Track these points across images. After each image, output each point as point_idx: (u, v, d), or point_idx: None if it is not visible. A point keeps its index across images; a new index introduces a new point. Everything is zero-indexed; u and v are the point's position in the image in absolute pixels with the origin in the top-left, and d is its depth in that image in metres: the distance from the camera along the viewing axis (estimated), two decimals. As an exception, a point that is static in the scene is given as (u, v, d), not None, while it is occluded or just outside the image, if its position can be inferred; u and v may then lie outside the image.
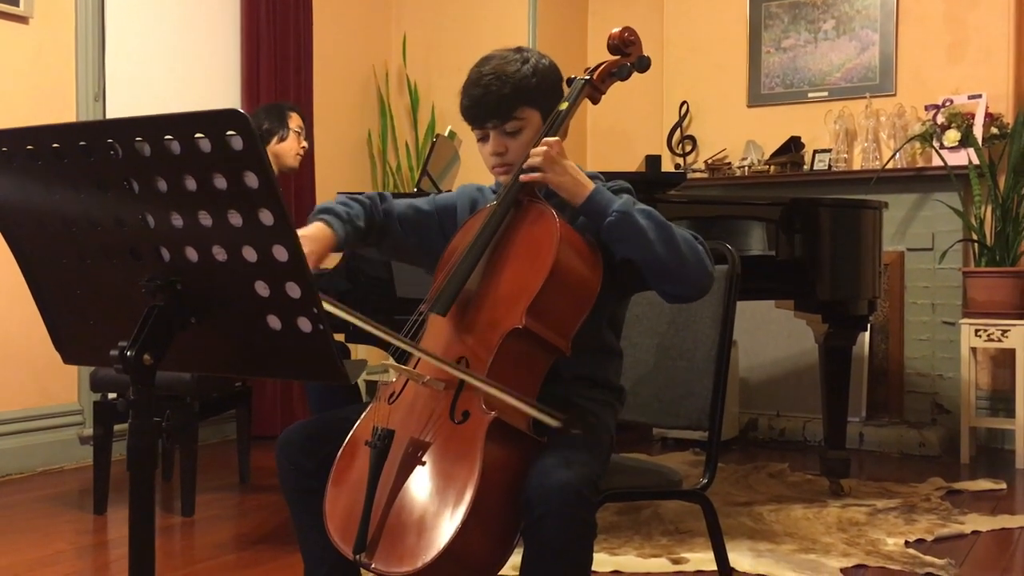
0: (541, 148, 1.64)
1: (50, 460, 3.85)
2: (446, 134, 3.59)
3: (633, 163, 5.21)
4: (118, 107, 4.11)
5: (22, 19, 3.78)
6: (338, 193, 1.82)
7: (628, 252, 1.61)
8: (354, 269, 2.91)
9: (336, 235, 1.68)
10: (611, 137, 5.60)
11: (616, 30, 1.84)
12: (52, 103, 3.87)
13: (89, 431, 3.75)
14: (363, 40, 5.48)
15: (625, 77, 1.84)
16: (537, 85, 1.73)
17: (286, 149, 3.56)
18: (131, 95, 4.18)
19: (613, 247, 1.63)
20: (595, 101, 1.85)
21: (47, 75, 3.87)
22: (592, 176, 1.78)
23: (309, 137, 3.71)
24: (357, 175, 5.38)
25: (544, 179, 1.64)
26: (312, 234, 1.66)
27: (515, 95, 1.71)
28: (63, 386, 3.93)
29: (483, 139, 1.76)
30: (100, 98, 4.05)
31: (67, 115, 3.91)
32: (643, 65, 1.85)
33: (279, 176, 3.72)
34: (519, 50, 1.77)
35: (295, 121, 3.59)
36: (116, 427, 3.23)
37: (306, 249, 1.53)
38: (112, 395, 3.25)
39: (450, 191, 2.00)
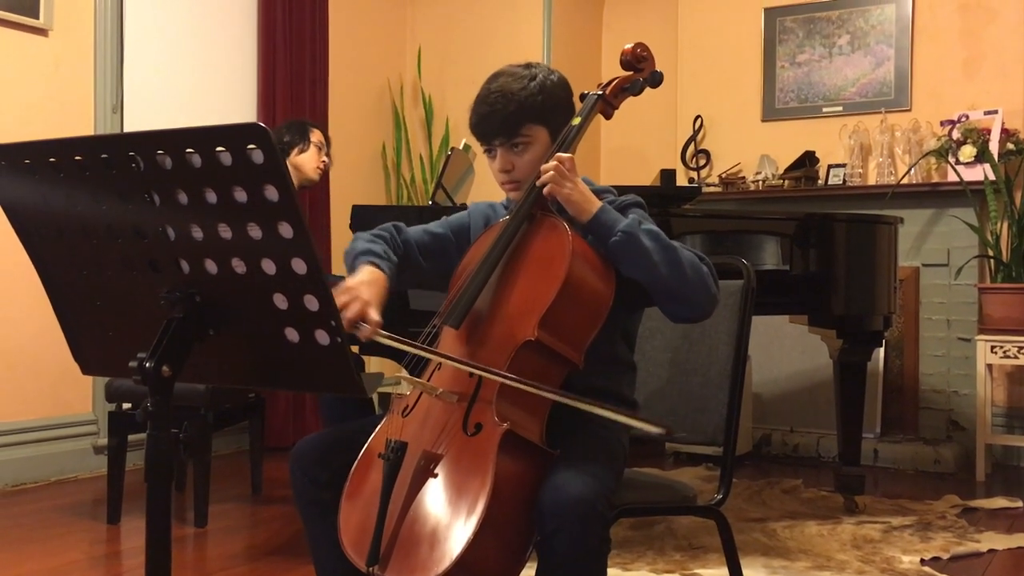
0: (552, 163, 1.65)
1: (64, 469, 3.87)
2: (460, 147, 3.60)
3: (647, 177, 5.21)
4: (136, 119, 4.15)
5: (41, 31, 3.83)
6: (356, 234, 1.79)
7: (632, 272, 1.62)
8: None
9: (388, 277, 1.68)
10: (625, 151, 5.61)
11: (629, 46, 1.85)
12: (70, 114, 3.91)
13: (103, 441, 3.77)
14: (378, 53, 5.51)
15: (638, 92, 1.85)
16: (543, 102, 1.73)
17: (306, 161, 3.62)
18: (149, 107, 4.22)
19: (618, 266, 1.63)
20: (608, 116, 1.85)
21: (65, 87, 3.91)
22: (604, 190, 1.79)
23: (329, 153, 3.77)
24: (371, 187, 5.41)
25: (553, 191, 1.64)
26: (370, 279, 1.63)
27: (520, 113, 1.72)
28: (78, 396, 3.95)
29: (491, 155, 1.78)
30: (118, 110, 4.09)
31: (85, 126, 3.95)
32: (656, 80, 1.86)
33: (298, 189, 3.75)
34: (528, 66, 1.77)
35: (316, 136, 3.65)
36: (130, 437, 3.25)
37: (368, 295, 1.55)
38: (127, 405, 3.27)
39: (464, 205, 2.00)
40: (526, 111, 1.72)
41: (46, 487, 3.73)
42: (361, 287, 1.58)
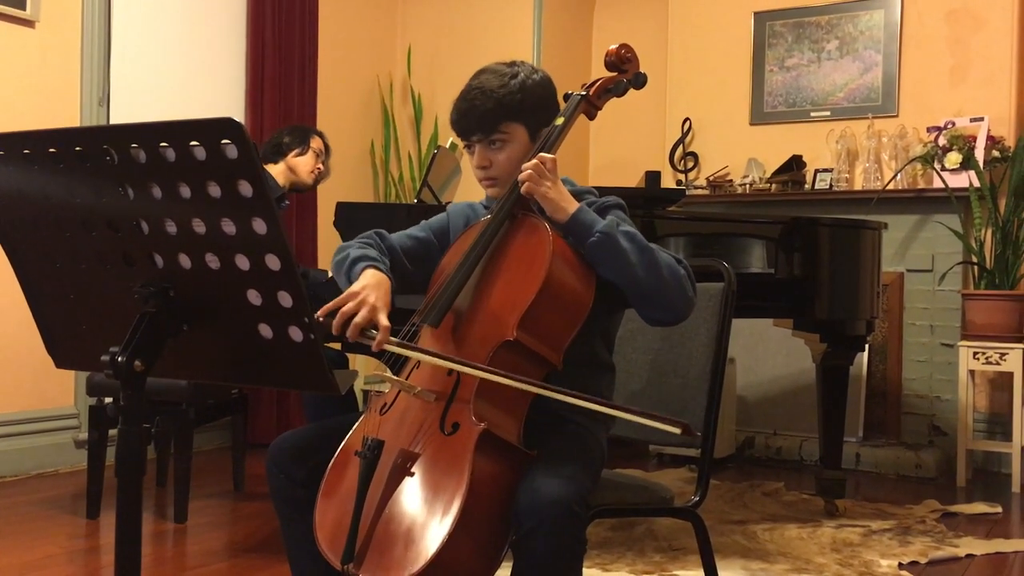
0: (533, 162, 1.65)
1: (45, 463, 3.85)
2: (447, 146, 3.59)
3: (635, 179, 5.21)
4: (122, 112, 4.13)
5: (28, 22, 3.80)
6: (341, 244, 1.78)
7: (609, 274, 1.62)
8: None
9: (392, 281, 1.67)
10: (613, 152, 5.62)
11: (613, 47, 1.86)
12: (56, 107, 3.89)
13: (85, 435, 3.75)
14: (368, 50, 5.50)
15: (621, 93, 1.85)
16: (521, 101, 1.74)
17: (302, 164, 3.65)
18: (135, 100, 4.20)
19: (595, 267, 1.64)
20: (591, 117, 1.86)
21: (52, 79, 3.89)
22: (585, 191, 1.80)
23: (327, 162, 3.78)
24: (359, 185, 5.39)
25: (531, 190, 1.64)
26: (375, 282, 1.61)
27: (498, 110, 1.73)
28: (60, 389, 3.93)
29: (470, 151, 1.79)
30: (104, 103, 4.07)
31: (71, 119, 3.93)
32: (639, 82, 1.87)
33: (290, 191, 3.75)
34: (512, 64, 1.79)
35: (316, 143, 3.70)
36: (111, 431, 3.23)
37: (375, 300, 1.53)
38: (108, 400, 3.25)
39: (446, 204, 2.01)
40: (503, 109, 1.73)
41: (26, 481, 3.71)
42: (367, 291, 1.56)
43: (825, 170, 4.73)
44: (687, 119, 5.12)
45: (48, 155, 1.18)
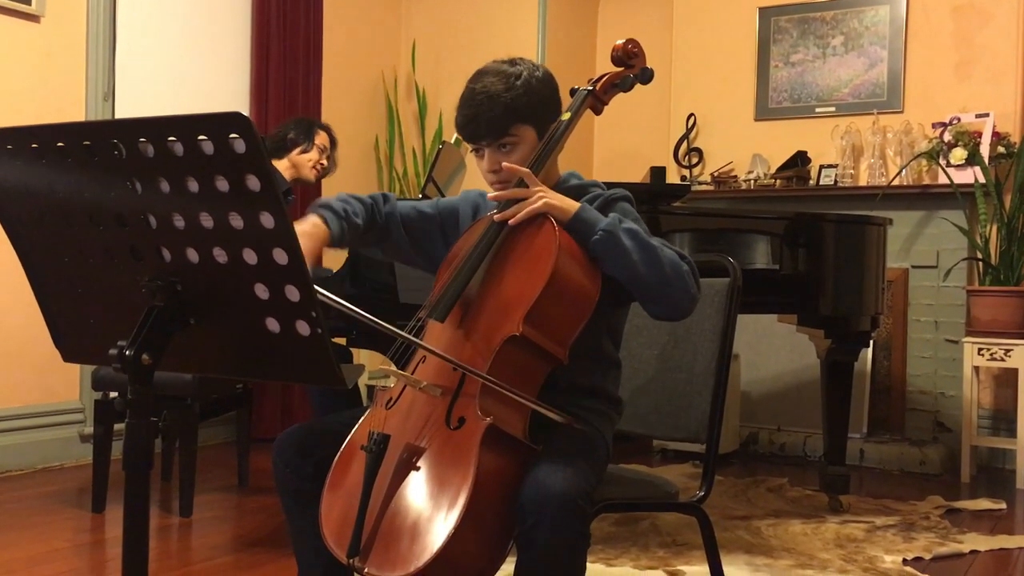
0: (535, 195, 1.63)
1: (50, 457, 3.86)
2: (452, 141, 3.59)
3: (640, 174, 5.21)
4: (127, 107, 4.13)
5: (33, 17, 3.81)
6: (340, 195, 1.83)
7: (612, 271, 1.62)
8: (358, 274, 2.92)
9: (331, 232, 1.69)
10: (618, 148, 5.61)
11: (620, 42, 1.85)
12: (61, 101, 3.89)
13: (90, 429, 3.76)
14: (373, 45, 5.50)
15: (628, 88, 1.85)
16: (528, 102, 1.71)
17: (305, 160, 3.65)
18: (140, 95, 4.20)
19: (599, 264, 1.64)
20: (598, 112, 1.86)
21: (57, 73, 3.89)
22: (591, 184, 1.79)
23: (333, 156, 3.78)
24: (364, 180, 5.40)
25: (532, 215, 1.62)
26: (307, 230, 1.66)
27: (507, 115, 1.70)
28: (65, 383, 3.94)
29: (479, 154, 1.77)
30: (109, 97, 4.07)
31: (76, 114, 3.93)
32: (646, 77, 1.87)
33: (293, 186, 3.75)
34: (513, 63, 1.75)
35: (321, 138, 3.68)
36: (116, 426, 3.24)
37: (301, 246, 1.55)
38: (113, 394, 3.26)
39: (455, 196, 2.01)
40: (512, 113, 1.70)
41: (31, 475, 3.72)
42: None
43: (830, 166, 4.72)
44: (692, 115, 5.11)
45: (56, 149, 1.19)
